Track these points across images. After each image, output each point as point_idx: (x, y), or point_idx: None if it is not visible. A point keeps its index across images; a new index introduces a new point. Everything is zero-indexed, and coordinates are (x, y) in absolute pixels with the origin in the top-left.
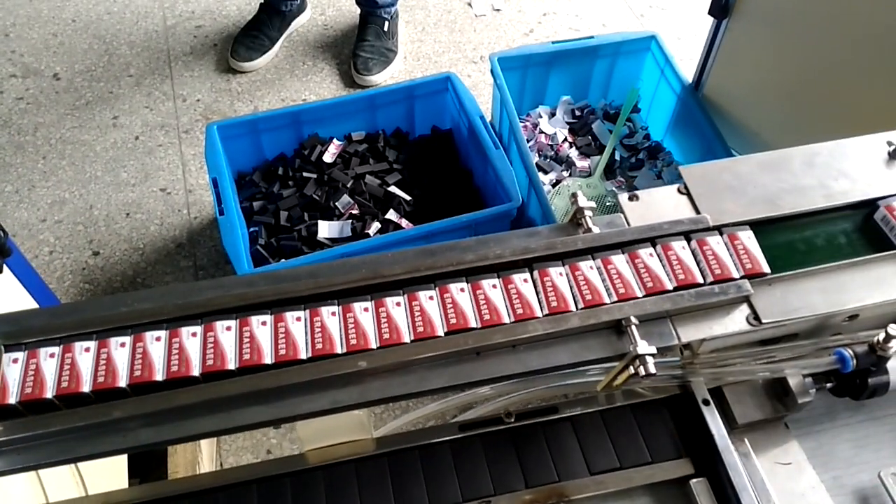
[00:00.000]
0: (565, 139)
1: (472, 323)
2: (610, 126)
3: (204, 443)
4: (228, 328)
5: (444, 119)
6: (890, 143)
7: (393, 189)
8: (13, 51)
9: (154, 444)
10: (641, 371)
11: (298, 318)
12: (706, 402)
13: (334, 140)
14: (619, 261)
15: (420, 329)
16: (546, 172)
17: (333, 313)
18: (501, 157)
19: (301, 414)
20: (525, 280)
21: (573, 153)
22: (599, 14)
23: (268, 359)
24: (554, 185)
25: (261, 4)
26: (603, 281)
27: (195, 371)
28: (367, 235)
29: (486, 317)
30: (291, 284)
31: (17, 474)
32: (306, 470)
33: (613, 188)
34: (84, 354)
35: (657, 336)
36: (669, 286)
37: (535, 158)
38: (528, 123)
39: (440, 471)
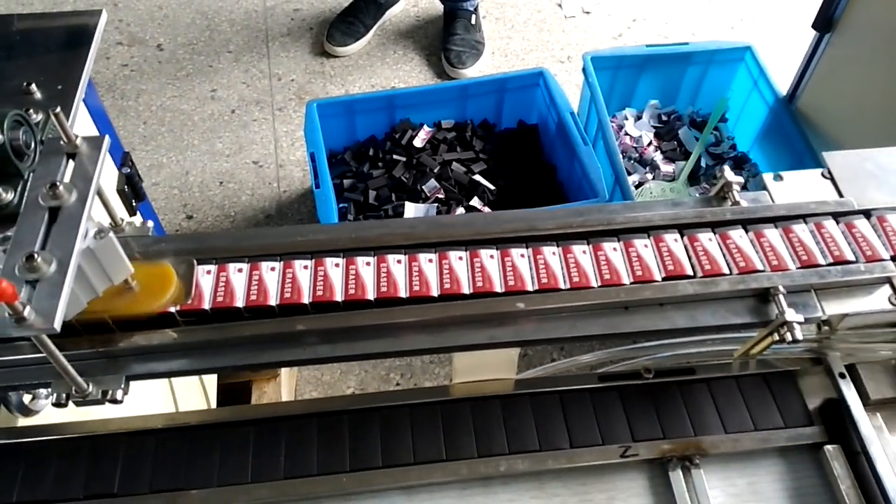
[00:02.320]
0: (650, 143)
1: (624, 279)
2: (696, 133)
3: (284, 386)
4: (399, 261)
5: (532, 114)
6: None
7: (478, 178)
8: (120, 20)
9: (329, 359)
10: (788, 337)
11: (461, 258)
12: (842, 376)
13: (424, 126)
14: (772, 233)
15: (575, 279)
16: (630, 174)
17: (492, 256)
18: (589, 153)
19: (460, 345)
20: (675, 240)
21: (658, 157)
22: (690, 23)
23: (434, 292)
24: (637, 187)
25: None
26: (755, 250)
27: (370, 296)
28: None
29: (638, 273)
30: (453, 228)
31: (199, 375)
32: (454, 400)
33: (697, 195)
34: (270, 273)
35: (801, 307)
36: (821, 261)
37: (621, 159)
38: (613, 125)
39: (580, 416)
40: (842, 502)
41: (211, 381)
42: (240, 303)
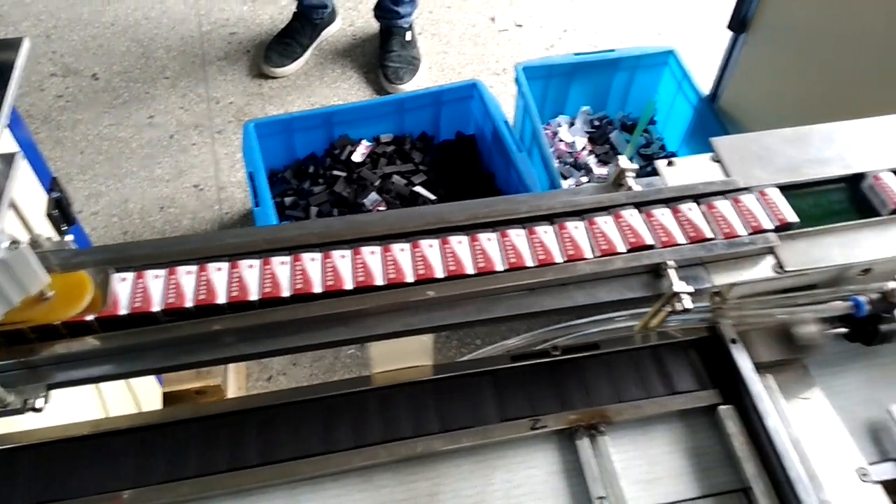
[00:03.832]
0: (584, 147)
1: (528, 262)
2: (627, 136)
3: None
4: (313, 259)
5: (469, 125)
6: None
7: (419, 189)
8: (54, 51)
9: (247, 356)
10: (678, 307)
11: (373, 252)
12: (734, 341)
13: (363, 141)
14: (661, 212)
15: (482, 265)
16: (565, 178)
17: (403, 249)
18: (524, 160)
19: (376, 334)
20: (576, 227)
21: (592, 160)
22: (618, 31)
23: (348, 285)
24: None
25: (294, 13)
26: (646, 228)
27: (285, 293)
28: None
29: (542, 257)
30: (367, 225)
31: (124, 379)
32: (373, 389)
33: None
34: (186, 277)
35: (692, 280)
36: (708, 236)
37: (555, 164)
38: (548, 132)
39: (493, 395)
40: (736, 457)
41: (154, 395)
42: (156, 307)
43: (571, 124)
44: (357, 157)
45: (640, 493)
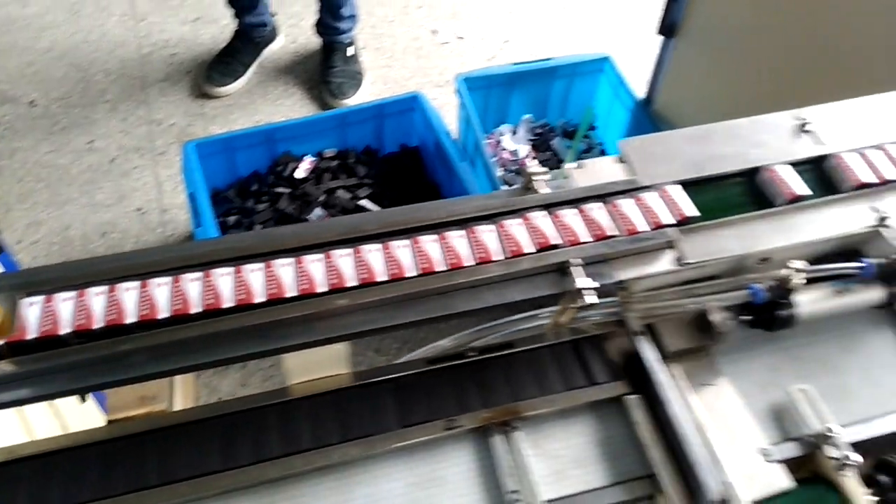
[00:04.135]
0: (527, 155)
1: (439, 267)
2: (569, 143)
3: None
4: (224, 275)
5: (412, 137)
6: (797, 118)
7: (364, 202)
8: None
9: (157, 375)
10: (582, 302)
11: (286, 265)
12: (641, 333)
13: (307, 157)
14: (567, 213)
15: (394, 271)
16: (510, 185)
17: (316, 260)
18: (466, 169)
19: (288, 346)
20: (487, 230)
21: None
22: (558, 40)
23: (259, 298)
24: None
25: (234, 32)
26: (553, 229)
27: (194, 310)
28: None
29: (453, 261)
30: (281, 238)
31: (32, 404)
32: (291, 401)
33: None
34: (96, 298)
35: (598, 276)
36: (611, 233)
37: (499, 172)
38: (492, 141)
39: (411, 398)
40: (642, 444)
41: (97, 423)
42: (65, 330)
43: (514, 133)
44: (300, 173)
45: (552, 486)
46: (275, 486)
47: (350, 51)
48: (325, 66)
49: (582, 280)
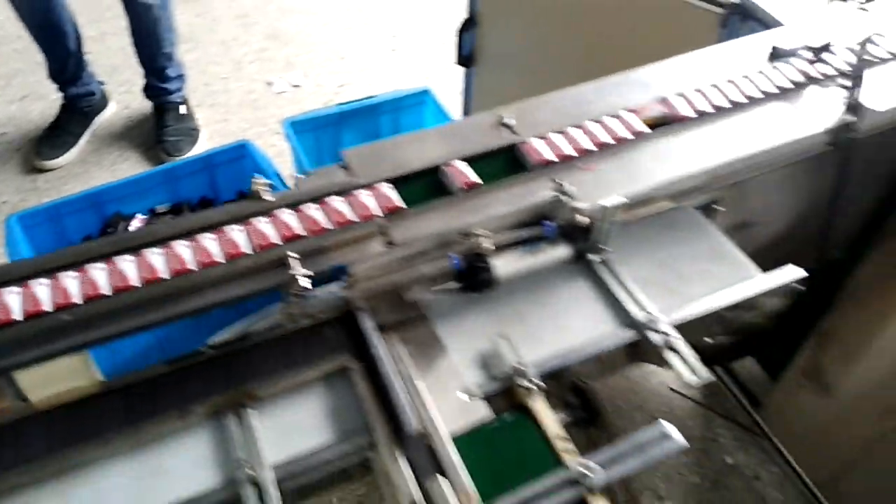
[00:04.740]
0: None
1: (163, 275)
2: None
3: None
4: None
5: (246, 183)
6: (500, 117)
7: None
8: None
9: None
10: (297, 289)
11: (13, 292)
12: (359, 309)
13: (138, 215)
14: (286, 214)
15: (120, 284)
16: None
17: (42, 283)
18: None
19: (15, 363)
20: (211, 239)
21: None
22: (390, 81)
23: None
24: None
25: (61, 105)
26: (272, 230)
27: None
28: None
29: (177, 268)
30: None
31: None
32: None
33: None
34: None
35: (317, 265)
36: (326, 227)
37: None
38: None
39: (146, 399)
40: (362, 404)
41: None
42: None
43: None
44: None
45: (281, 450)
46: None
47: (182, 109)
48: (160, 127)
49: (297, 269)
